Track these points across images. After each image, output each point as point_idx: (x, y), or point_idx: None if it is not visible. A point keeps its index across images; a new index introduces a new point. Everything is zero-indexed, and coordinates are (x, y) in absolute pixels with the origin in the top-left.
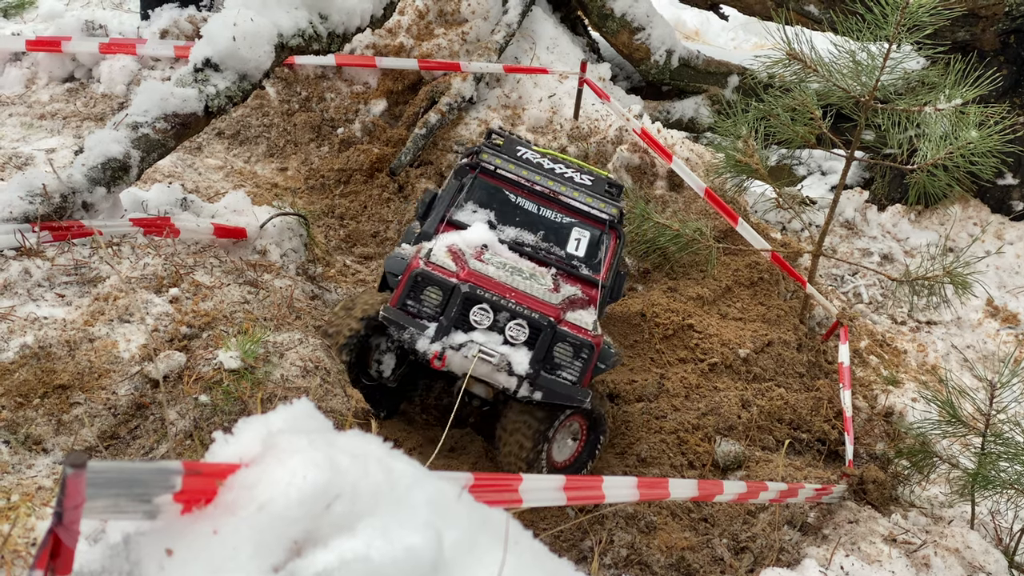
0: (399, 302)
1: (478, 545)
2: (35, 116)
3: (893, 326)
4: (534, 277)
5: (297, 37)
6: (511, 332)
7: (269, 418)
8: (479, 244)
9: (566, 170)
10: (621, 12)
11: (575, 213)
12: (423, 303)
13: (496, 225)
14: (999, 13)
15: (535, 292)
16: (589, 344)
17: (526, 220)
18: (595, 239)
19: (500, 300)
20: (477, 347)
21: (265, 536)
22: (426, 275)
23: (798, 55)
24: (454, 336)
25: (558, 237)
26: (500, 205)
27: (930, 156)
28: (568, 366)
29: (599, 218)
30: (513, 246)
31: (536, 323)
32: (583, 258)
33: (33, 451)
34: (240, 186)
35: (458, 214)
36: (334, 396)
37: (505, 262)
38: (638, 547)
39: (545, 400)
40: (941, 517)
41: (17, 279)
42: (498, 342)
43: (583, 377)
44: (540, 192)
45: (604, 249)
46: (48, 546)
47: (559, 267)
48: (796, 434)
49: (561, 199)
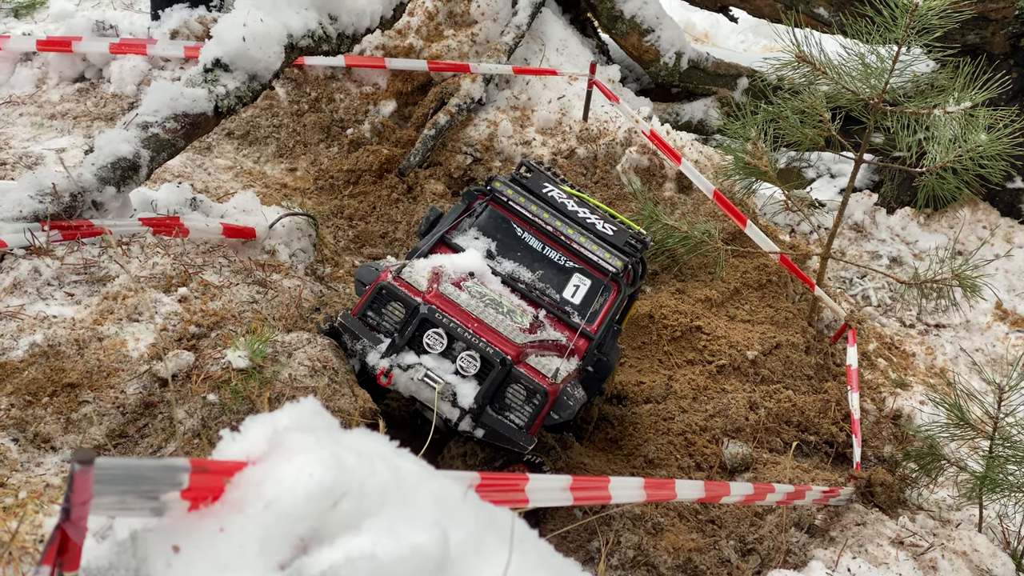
0: (360, 312)
1: (484, 544)
2: (45, 116)
3: (902, 329)
4: (511, 314)
5: (307, 38)
6: (462, 362)
7: (276, 416)
8: (465, 271)
9: (590, 215)
10: (631, 14)
11: (580, 259)
12: (383, 317)
13: (495, 256)
14: (1009, 16)
15: (501, 328)
16: (543, 391)
17: (527, 257)
18: (595, 289)
19: (457, 328)
20: (424, 371)
21: (271, 533)
22: (391, 290)
23: (807, 57)
24: (404, 356)
25: (557, 280)
26: (504, 236)
27: (939, 159)
28: (518, 409)
29: (603, 268)
30: (507, 280)
31: (488, 358)
32: (578, 306)
33: (42, 449)
34: (249, 186)
35: (458, 237)
36: (342, 396)
37: (485, 293)
38: (645, 548)
39: (486, 439)
40: (949, 520)
41: (27, 278)
42: (448, 370)
43: (532, 424)
44: (547, 231)
45: (602, 301)
46: (56, 542)
47: (550, 311)
48: (804, 436)
49: (567, 242)
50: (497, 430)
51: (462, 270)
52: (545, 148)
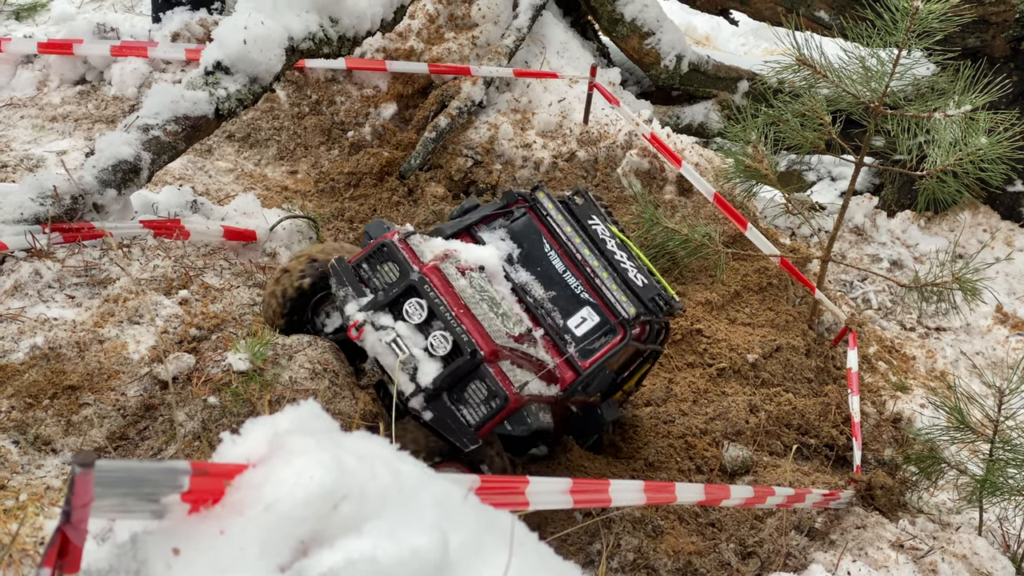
0: (356, 262)
1: (484, 547)
2: (46, 118)
3: (902, 332)
4: (504, 317)
5: (308, 40)
6: (434, 340)
7: (276, 419)
8: (477, 263)
9: (625, 260)
10: (631, 17)
11: (596, 294)
12: (376, 274)
13: (514, 263)
14: (1009, 19)
15: (486, 324)
16: (504, 396)
17: (546, 275)
18: (600, 327)
19: (441, 306)
20: (394, 336)
21: (272, 536)
22: (392, 250)
23: (808, 60)
24: (381, 316)
25: (566, 307)
26: (529, 247)
27: (940, 162)
28: (474, 407)
29: (614, 310)
30: (517, 289)
31: (460, 344)
32: (578, 338)
33: (42, 451)
34: (250, 189)
35: (484, 232)
36: (342, 398)
37: (486, 290)
38: (645, 551)
39: (433, 424)
40: (949, 523)
41: (27, 280)
42: (419, 344)
43: (482, 425)
44: (573, 257)
45: (603, 342)
46: (56, 544)
47: (549, 333)
48: (804, 439)
49: (590, 274)
50: (445, 419)
51: (474, 261)
52: (546, 151)
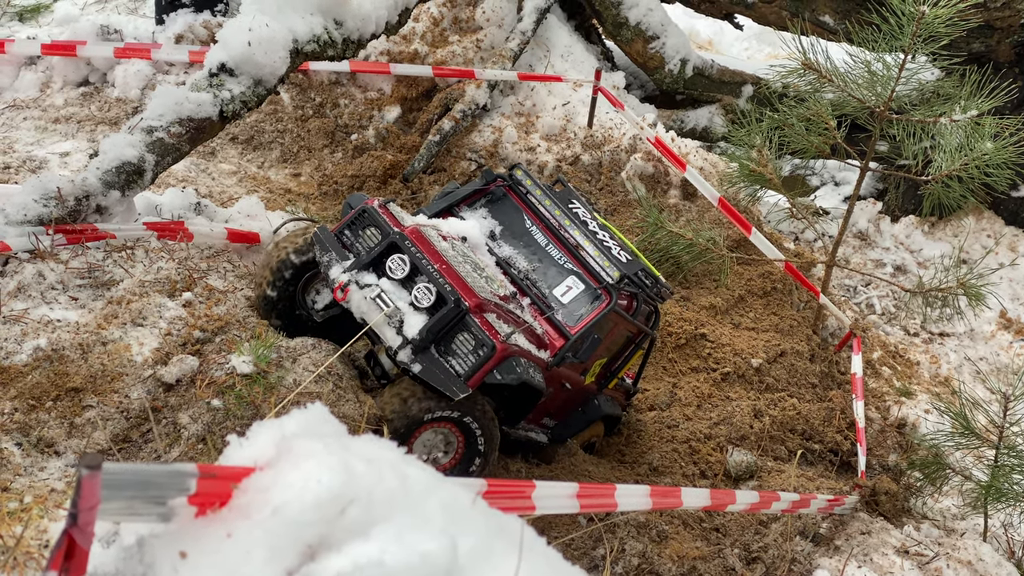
0: (338, 229)
1: (493, 552)
2: (49, 120)
3: (906, 337)
4: (488, 280)
5: (312, 43)
6: (418, 293)
7: (283, 422)
8: (459, 234)
9: (608, 240)
10: (636, 21)
11: (579, 263)
12: (358, 239)
13: (496, 238)
14: (1014, 25)
15: (469, 280)
16: (491, 344)
17: (529, 248)
18: (586, 295)
19: (423, 260)
20: (379, 291)
21: (279, 540)
22: (372, 215)
23: (813, 65)
24: (364, 275)
25: (551, 277)
26: (511, 224)
27: (945, 167)
28: (462, 357)
29: (599, 276)
30: (501, 262)
31: (444, 294)
32: (565, 305)
33: (45, 454)
34: (254, 191)
35: (465, 212)
36: (346, 401)
37: (469, 256)
38: (650, 556)
39: (422, 376)
40: (953, 529)
41: (31, 282)
42: (403, 299)
43: (472, 375)
44: (554, 229)
45: (589, 308)
46: (63, 547)
47: (536, 302)
48: (808, 444)
49: (572, 245)
50: (435, 370)
51: (456, 233)
52: (550, 154)
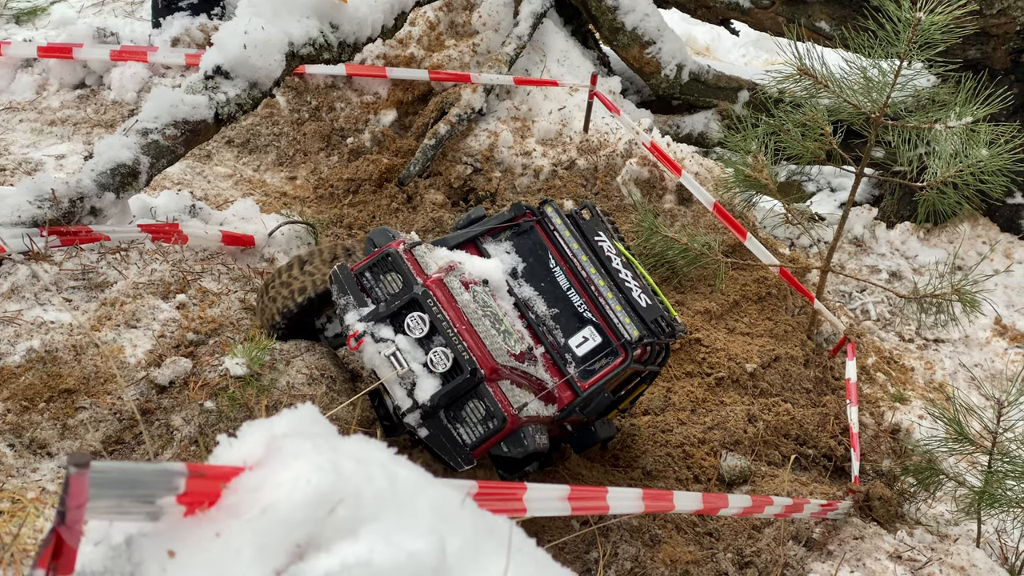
0: (358, 270)
1: (482, 553)
2: (45, 122)
3: (900, 343)
4: (505, 335)
5: (308, 46)
6: (434, 356)
7: (273, 422)
8: (480, 277)
9: (630, 279)
10: (632, 26)
11: (599, 314)
12: (378, 284)
13: (518, 277)
14: (1010, 32)
15: (488, 342)
16: (501, 417)
17: (549, 291)
18: (601, 348)
19: (443, 321)
20: (394, 349)
21: (267, 539)
22: (396, 260)
23: (809, 71)
24: (382, 328)
25: (568, 325)
26: (535, 263)
27: (940, 174)
28: (471, 426)
29: (617, 331)
30: (519, 304)
31: (461, 362)
32: (579, 357)
33: (38, 455)
34: (249, 194)
35: (489, 244)
36: (339, 404)
37: (489, 305)
38: (642, 560)
39: (428, 442)
40: (947, 535)
41: (25, 283)
42: (418, 359)
43: (478, 445)
44: (579, 274)
45: (604, 363)
46: (51, 545)
47: (549, 351)
48: (802, 450)
49: (595, 293)
50: (441, 437)
51: (478, 274)
52: (545, 159)
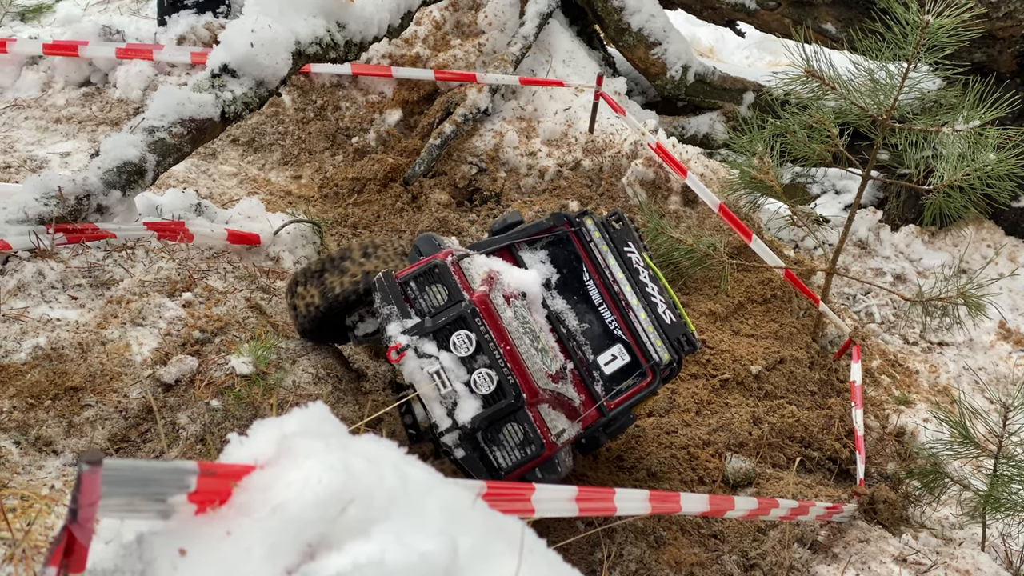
0: (404, 278)
1: (493, 553)
2: (51, 120)
3: (905, 346)
4: (543, 353)
5: (314, 45)
6: (478, 377)
7: (284, 421)
8: (519, 289)
9: (656, 293)
10: (638, 27)
11: (630, 333)
12: (424, 295)
13: (551, 288)
14: (1016, 35)
15: (530, 363)
16: (540, 444)
17: (582, 305)
18: (630, 369)
19: (490, 342)
20: (438, 367)
21: (279, 538)
22: (445, 272)
23: (816, 72)
24: (426, 343)
25: (599, 342)
26: (569, 274)
27: (947, 177)
28: (508, 450)
29: (648, 353)
30: (551, 317)
31: (505, 387)
32: (606, 376)
33: (43, 452)
34: (254, 193)
35: (525, 252)
36: (345, 403)
37: (528, 321)
38: (647, 561)
39: (463, 463)
40: (952, 539)
41: (31, 280)
42: (461, 379)
43: (513, 470)
44: (612, 290)
45: (631, 384)
46: (62, 543)
47: (578, 368)
48: (807, 452)
49: (626, 311)
50: (476, 459)
51: (516, 286)
52: (551, 159)
